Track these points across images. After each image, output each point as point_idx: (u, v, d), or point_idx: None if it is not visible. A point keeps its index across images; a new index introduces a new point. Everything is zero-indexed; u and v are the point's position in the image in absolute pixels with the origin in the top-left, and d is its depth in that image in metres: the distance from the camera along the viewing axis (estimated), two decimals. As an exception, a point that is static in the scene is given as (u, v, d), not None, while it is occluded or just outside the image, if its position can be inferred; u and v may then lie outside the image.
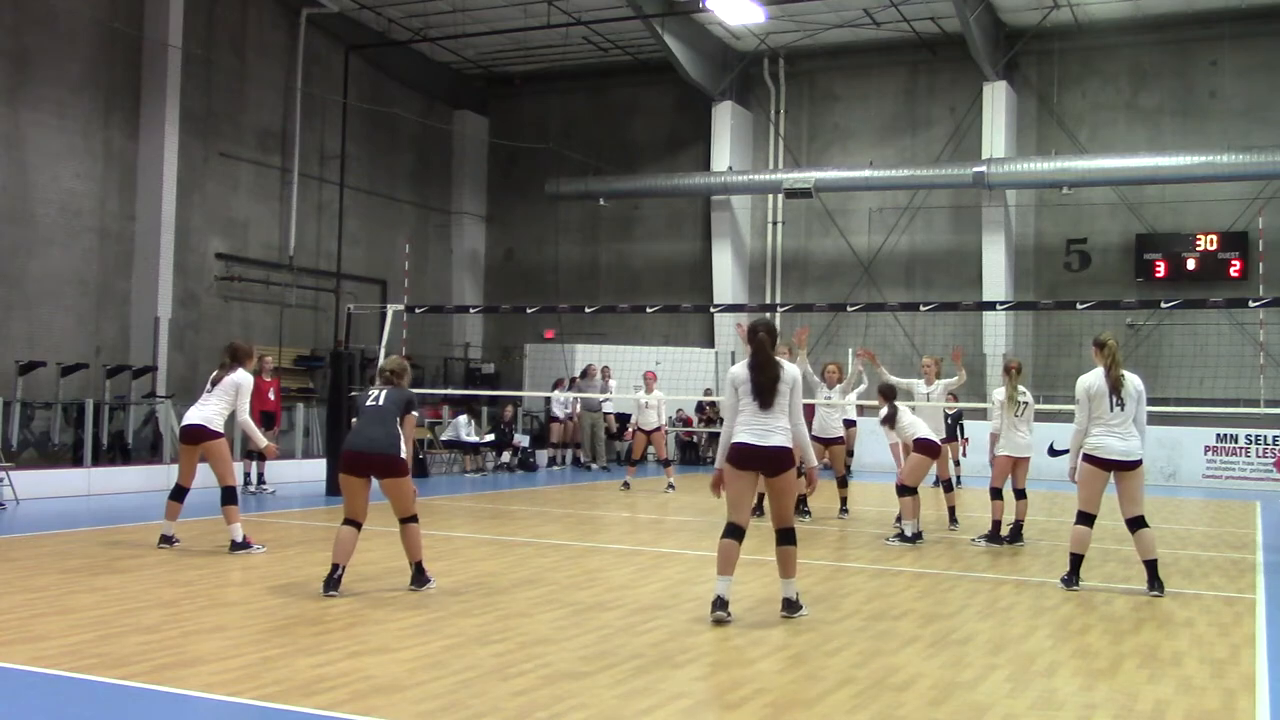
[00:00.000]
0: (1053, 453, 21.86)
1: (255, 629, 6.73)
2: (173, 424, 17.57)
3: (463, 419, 20.40)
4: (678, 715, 5.20)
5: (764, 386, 7.21)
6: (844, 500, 14.03)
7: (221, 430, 10.08)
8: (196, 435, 9.97)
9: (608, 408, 22.48)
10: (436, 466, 19.90)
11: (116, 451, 16.82)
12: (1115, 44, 22.79)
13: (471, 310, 25.68)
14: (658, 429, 17.91)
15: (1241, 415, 19.01)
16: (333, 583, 7.85)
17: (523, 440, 21.71)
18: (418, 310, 19.55)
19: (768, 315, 7.81)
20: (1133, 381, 8.98)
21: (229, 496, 9.94)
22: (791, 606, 7.44)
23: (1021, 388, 11.74)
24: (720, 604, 7.20)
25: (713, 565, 7.27)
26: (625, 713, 5.20)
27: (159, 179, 19.24)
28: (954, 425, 18.25)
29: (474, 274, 27.97)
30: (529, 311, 20.18)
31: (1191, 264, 21.75)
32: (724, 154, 24.92)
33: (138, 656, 5.97)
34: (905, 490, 11.54)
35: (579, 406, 22.02)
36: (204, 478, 10.43)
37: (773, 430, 7.21)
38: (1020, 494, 12.18)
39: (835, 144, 25.14)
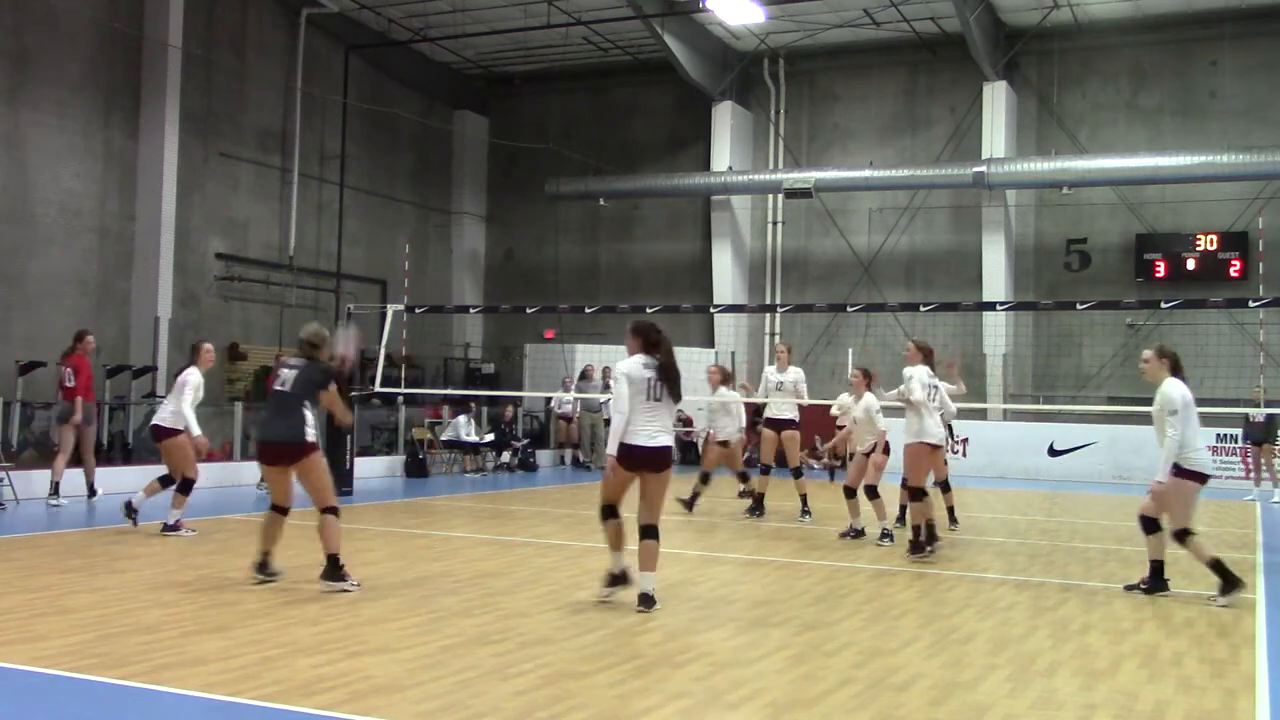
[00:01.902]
0: (1053, 453, 21.92)
1: (255, 629, 6.73)
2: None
3: (463, 419, 20.40)
4: (678, 715, 5.20)
5: (672, 388, 7.65)
6: (804, 499, 13.49)
7: (178, 427, 10.99)
8: (155, 434, 11.23)
9: None
10: (437, 466, 19.90)
11: (116, 451, 16.81)
12: (1115, 44, 22.79)
13: (471, 310, 25.67)
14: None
15: (1241, 415, 18.99)
16: (260, 567, 8.10)
17: (521, 441, 21.71)
18: (418, 310, 19.54)
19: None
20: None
21: (184, 486, 10.98)
22: (648, 601, 7.52)
23: (930, 372, 11.09)
24: (618, 580, 7.81)
25: (713, 565, 7.34)
26: (625, 713, 5.20)
27: (159, 179, 19.24)
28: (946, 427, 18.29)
29: (474, 274, 27.98)
30: (529, 311, 20.18)
31: (1191, 264, 21.75)
32: (724, 154, 24.91)
33: (138, 656, 5.97)
34: (872, 492, 11.44)
35: (579, 407, 22.02)
36: (205, 477, 10.51)
37: (661, 431, 7.61)
38: (944, 486, 12.45)
39: (835, 144, 25.14)
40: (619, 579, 7.81)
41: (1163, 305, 14.54)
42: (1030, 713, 5.39)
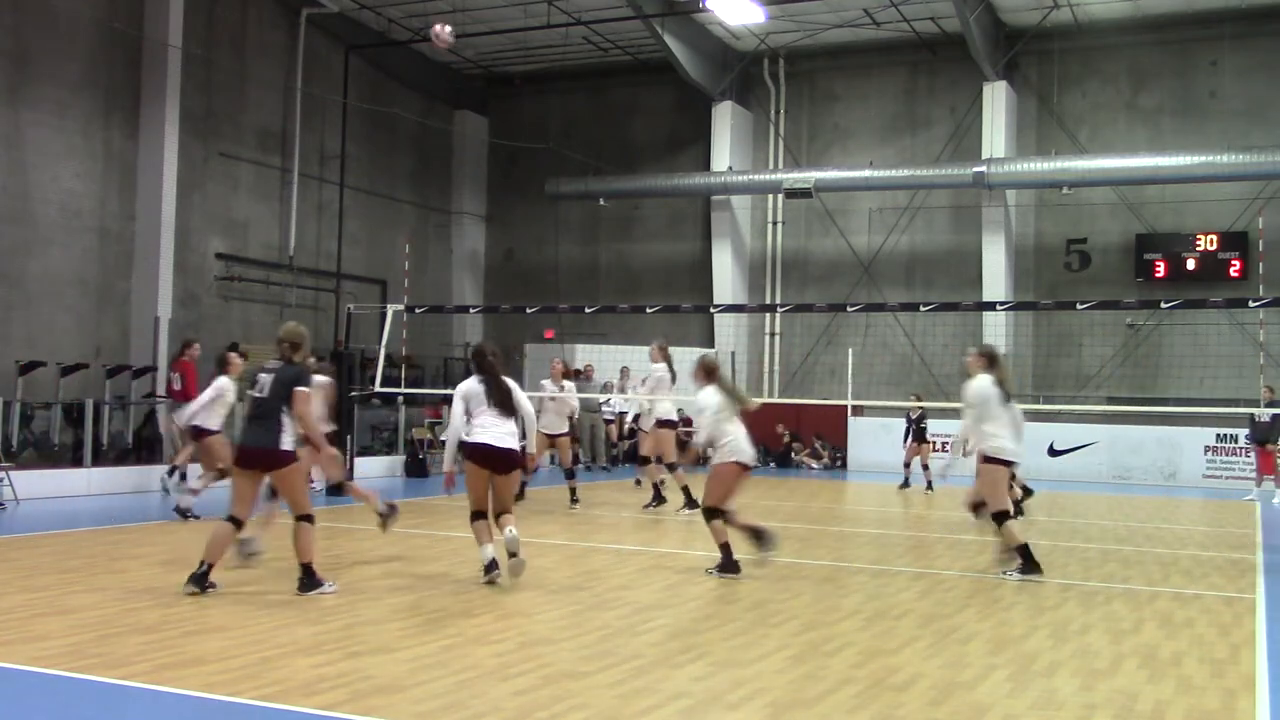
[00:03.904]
0: (1053, 453, 21.91)
1: (255, 629, 6.73)
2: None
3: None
4: (678, 715, 5.20)
5: (503, 400, 8.58)
6: (573, 491, 14.51)
7: (210, 426, 11.90)
8: (193, 434, 11.94)
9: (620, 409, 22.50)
10: (437, 466, 19.89)
11: (116, 451, 16.81)
12: (1115, 44, 22.78)
13: (471, 310, 25.66)
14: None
15: (1241, 415, 19.00)
16: (198, 579, 7.68)
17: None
18: (418, 310, 19.53)
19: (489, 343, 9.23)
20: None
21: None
22: (514, 545, 8.45)
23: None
24: (493, 566, 8.49)
25: (712, 565, 7.29)
26: (625, 713, 5.20)
27: (159, 179, 19.22)
28: (920, 428, 18.39)
29: (474, 274, 27.97)
30: (529, 311, 20.16)
31: (1191, 264, 21.74)
32: (724, 154, 24.91)
33: (138, 656, 5.97)
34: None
35: (579, 407, 21.98)
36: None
37: (507, 435, 8.52)
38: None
39: (835, 144, 25.14)
40: (493, 567, 8.52)
41: (1163, 305, 14.56)
42: (1030, 713, 5.39)
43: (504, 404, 8.56)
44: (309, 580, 7.88)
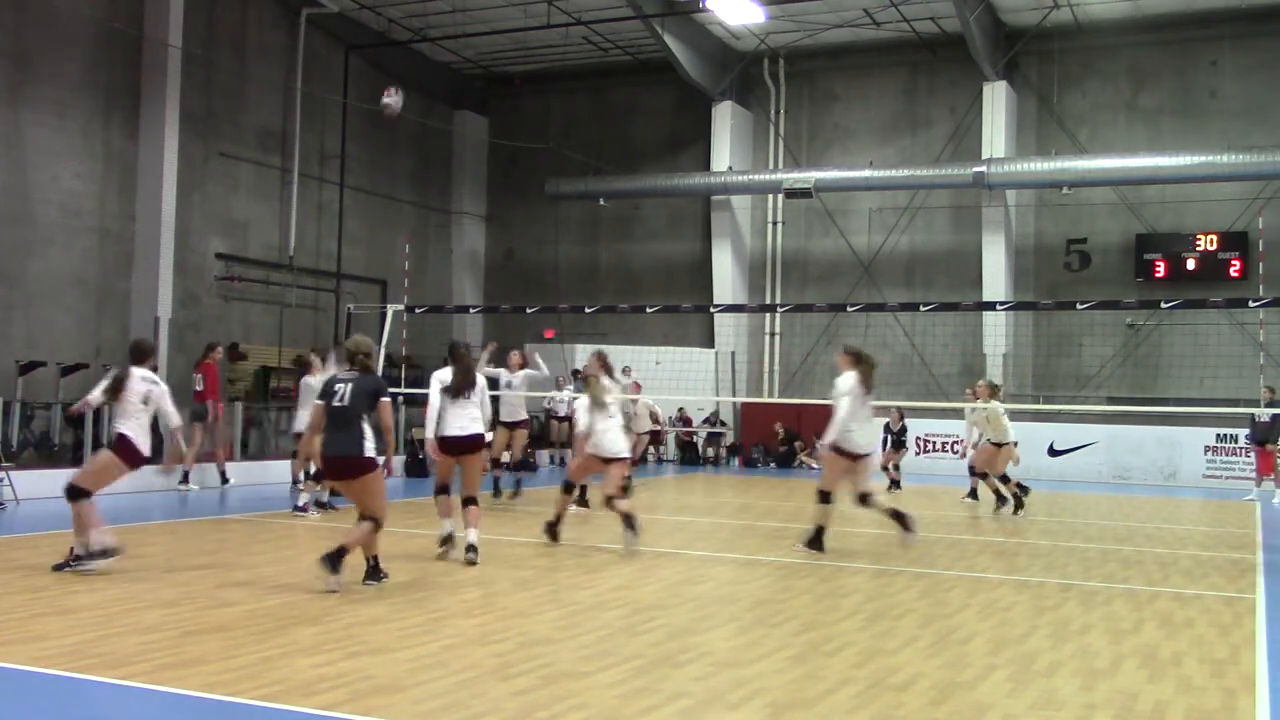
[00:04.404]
0: (1053, 453, 21.92)
1: (255, 629, 6.73)
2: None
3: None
4: (678, 715, 5.20)
5: (464, 388, 9.68)
6: (518, 482, 15.22)
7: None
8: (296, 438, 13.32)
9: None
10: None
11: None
12: (1115, 44, 22.78)
13: (471, 310, 25.66)
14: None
15: (1241, 415, 19.01)
16: (371, 571, 8.29)
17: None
18: (418, 310, 19.54)
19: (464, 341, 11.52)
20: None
21: (317, 475, 12.26)
22: (474, 550, 9.36)
23: (608, 381, 11.37)
24: (448, 539, 9.76)
25: (713, 564, 7.38)
26: (625, 713, 5.20)
27: (159, 179, 19.23)
28: (899, 440, 18.55)
29: (474, 274, 27.97)
30: (529, 311, 20.19)
31: (1191, 264, 21.74)
32: (724, 154, 24.91)
33: (138, 656, 5.97)
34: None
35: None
36: (204, 478, 10.44)
37: (470, 421, 9.65)
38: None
39: (835, 144, 25.14)
40: (448, 540, 9.76)
41: (1163, 305, 14.57)
42: (1030, 713, 5.39)
43: (461, 391, 9.63)
44: (375, 572, 8.29)
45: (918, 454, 22.53)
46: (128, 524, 11.03)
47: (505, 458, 15.24)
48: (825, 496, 10.42)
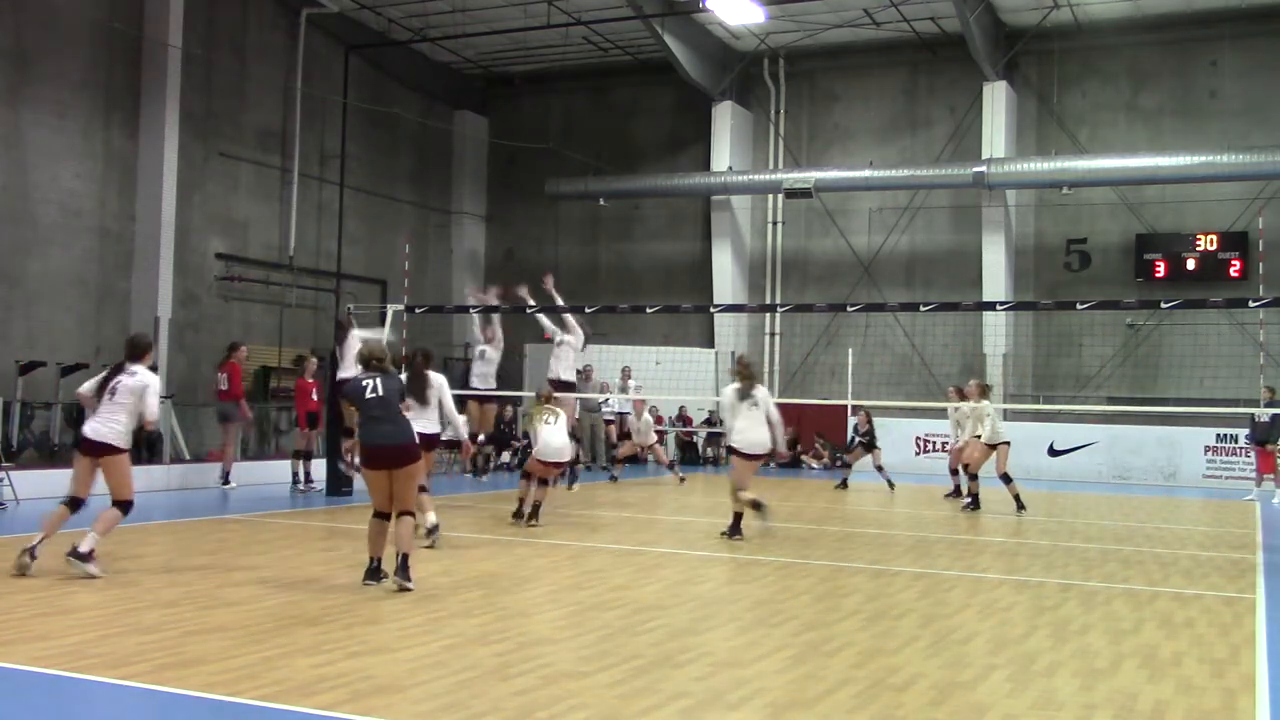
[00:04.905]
0: (1053, 453, 21.92)
1: (255, 629, 6.73)
2: (174, 424, 17.60)
3: (462, 419, 20.34)
4: (678, 715, 5.20)
5: (418, 392, 10.43)
6: (487, 459, 15.50)
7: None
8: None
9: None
10: (436, 466, 19.85)
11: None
12: (1115, 44, 22.78)
13: (471, 310, 25.63)
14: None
15: (1241, 415, 19.00)
16: (371, 573, 8.19)
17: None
18: (418, 310, 19.52)
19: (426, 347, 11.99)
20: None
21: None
22: (434, 532, 10.17)
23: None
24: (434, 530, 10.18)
25: (713, 564, 7.36)
26: (625, 713, 5.20)
27: (159, 179, 19.23)
28: (865, 442, 18.73)
29: (474, 274, 27.94)
30: (529, 311, 20.17)
31: (1191, 264, 21.74)
32: (724, 154, 24.91)
33: (138, 656, 5.97)
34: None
35: (579, 407, 21.97)
36: (205, 478, 10.45)
37: (423, 419, 10.19)
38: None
39: (835, 144, 25.14)
40: (433, 530, 10.21)
41: (1163, 305, 14.55)
42: (1030, 713, 5.39)
43: (419, 395, 10.46)
44: (404, 570, 8.11)
45: (917, 454, 22.55)
46: (128, 524, 11.01)
47: (481, 437, 15.34)
48: (742, 490, 11.46)
